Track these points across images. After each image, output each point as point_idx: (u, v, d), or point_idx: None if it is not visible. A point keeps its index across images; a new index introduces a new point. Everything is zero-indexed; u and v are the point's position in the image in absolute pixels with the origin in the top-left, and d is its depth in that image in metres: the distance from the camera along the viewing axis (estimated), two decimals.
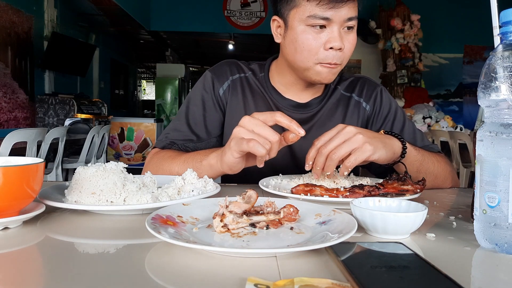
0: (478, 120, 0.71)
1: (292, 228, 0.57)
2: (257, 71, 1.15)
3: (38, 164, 0.59)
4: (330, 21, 0.92)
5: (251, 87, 1.13)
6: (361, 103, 1.14)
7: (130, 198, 0.67)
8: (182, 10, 7.01)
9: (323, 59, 0.95)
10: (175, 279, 0.42)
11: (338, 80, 1.16)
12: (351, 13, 0.93)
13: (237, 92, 1.12)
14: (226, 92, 1.12)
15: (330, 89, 1.14)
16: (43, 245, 0.54)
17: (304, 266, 0.46)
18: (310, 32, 0.94)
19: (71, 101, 5.20)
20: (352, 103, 1.14)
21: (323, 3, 0.90)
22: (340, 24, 0.93)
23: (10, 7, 4.44)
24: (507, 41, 0.51)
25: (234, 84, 1.12)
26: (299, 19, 0.94)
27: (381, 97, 1.15)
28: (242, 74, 1.14)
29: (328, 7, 0.90)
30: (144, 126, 6.00)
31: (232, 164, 0.81)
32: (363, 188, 0.75)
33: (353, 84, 1.16)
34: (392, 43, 6.14)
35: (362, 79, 1.18)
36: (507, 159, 0.49)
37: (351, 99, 1.14)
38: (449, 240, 0.57)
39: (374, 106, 1.14)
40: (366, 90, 1.15)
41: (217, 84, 1.12)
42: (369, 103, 1.14)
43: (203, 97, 1.11)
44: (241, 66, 1.15)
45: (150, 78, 13.82)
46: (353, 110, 1.13)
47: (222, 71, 1.13)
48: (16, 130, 2.71)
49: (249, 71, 1.15)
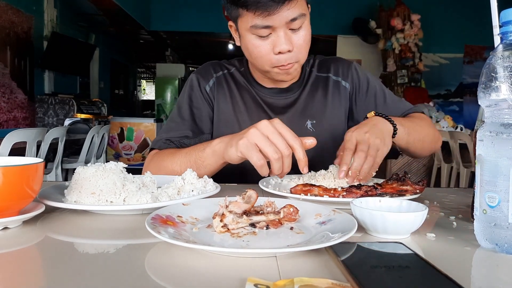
0: (478, 120, 0.71)
1: (292, 228, 0.57)
2: (238, 66, 1.18)
3: (37, 164, 0.59)
4: (272, 28, 0.93)
5: (236, 81, 1.16)
6: (340, 82, 1.16)
7: (130, 198, 0.66)
8: (182, 10, 7.00)
9: (276, 63, 0.97)
10: (175, 279, 0.42)
11: (312, 63, 1.18)
12: (294, 13, 0.92)
13: (223, 87, 1.15)
14: (212, 89, 1.15)
15: (306, 72, 1.16)
16: (43, 245, 0.54)
17: (304, 266, 0.46)
18: (256, 40, 0.96)
19: (71, 101, 5.19)
20: (331, 83, 1.16)
21: (258, 13, 0.90)
22: (284, 27, 0.93)
23: (10, 7, 4.44)
24: (507, 41, 0.51)
25: (219, 80, 1.15)
26: (245, 28, 0.96)
27: (357, 73, 1.17)
28: (225, 71, 1.17)
29: (264, 15, 0.90)
30: (144, 126, 6.00)
31: (232, 158, 0.82)
32: (360, 188, 0.75)
33: (327, 64, 1.18)
34: (392, 43, 6.14)
35: (335, 59, 1.20)
36: (507, 159, 0.49)
37: (329, 79, 1.16)
38: (449, 240, 0.57)
39: (352, 83, 1.16)
40: (342, 68, 1.17)
41: (203, 82, 1.15)
42: (347, 81, 1.16)
43: (190, 95, 1.15)
44: (223, 64, 1.19)
45: (150, 78, 13.80)
46: (333, 90, 1.15)
47: (206, 70, 1.17)
48: (15, 130, 2.70)
49: (232, 67, 1.18)
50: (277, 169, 0.74)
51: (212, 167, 0.90)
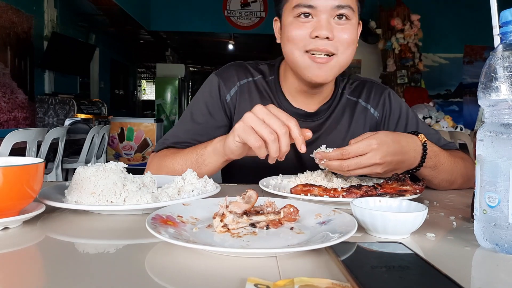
0: (478, 120, 0.71)
1: (292, 228, 0.57)
2: (267, 74, 1.10)
3: (38, 164, 0.59)
4: (315, 10, 0.91)
5: (260, 92, 1.08)
6: (369, 110, 1.10)
7: (130, 198, 0.66)
8: (182, 10, 7.00)
9: (310, 48, 0.92)
10: (175, 279, 0.42)
11: (345, 84, 1.12)
12: (341, 1, 0.90)
13: (245, 98, 1.07)
14: (233, 98, 1.07)
15: (337, 94, 1.10)
16: (43, 245, 0.54)
17: (304, 266, 0.46)
18: (297, 22, 0.93)
19: (71, 101, 5.19)
20: (359, 109, 1.10)
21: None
22: (328, 13, 0.91)
23: (10, 7, 4.44)
24: (507, 41, 0.51)
25: (241, 89, 1.07)
26: (288, 12, 0.94)
27: (390, 101, 1.11)
28: (250, 79, 1.09)
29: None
30: (144, 126, 6.00)
31: (233, 148, 0.80)
32: (360, 188, 0.75)
33: (359, 88, 1.12)
34: (392, 43, 6.14)
35: (369, 83, 1.14)
36: (507, 159, 0.49)
37: (357, 104, 1.10)
38: (449, 240, 0.57)
39: (383, 111, 1.11)
40: (374, 95, 1.11)
41: (224, 89, 1.07)
42: (377, 109, 1.11)
43: (207, 103, 1.07)
44: (249, 70, 1.10)
45: (150, 78, 13.81)
46: (359, 115, 1.10)
47: (229, 75, 1.08)
48: (16, 130, 2.71)
49: (258, 74, 1.10)
50: (274, 151, 0.72)
51: (213, 165, 0.89)
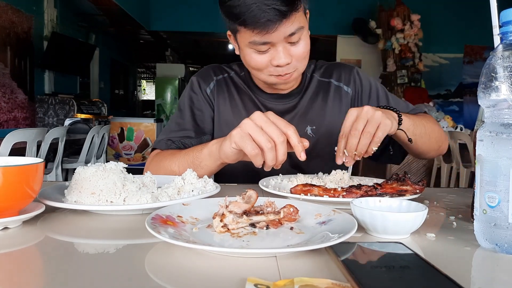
0: (478, 120, 0.71)
1: (292, 228, 0.57)
2: (238, 71, 1.19)
3: (38, 164, 0.59)
4: (271, 43, 0.93)
5: (236, 86, 1.17)
6: (342, 87, 1.17)
7: (130, 198, 0.67)
8: (182, 10, 7.00)
9: (273, 73, 0.98)
10: (175, 279, 0.42)
11: (314, 68, 1.19)
12: (292, 28, 0.91)
13: (223, 91, 1.16)
14: (213, 91, 1.16)
15: (306, 78, 1.16)
16: (43, 245, 0.54)
17: (304, 266, 0.46)
18: (255, 54, 0.96)
19: (71, 101, 5.19)
20: (333, 88, 1.16)
21: (257, 31, 0.90)
22: (283, 41, 0.93)
23: (10, 7, 4.44)
24: (507, 41, 0.51)
25: (219, 83, 1.17)
26: (243, 42, 0.96)
27: (360, 77, 1.18)
28: (226, 74, 1.18)
29: (263, 33, 0.90)
30: (144, 126, 6.00)
31: (228, 153, 0.81)
32: (360, 188, 0.75)
33: (329, 70, 1.19)
34: (392, 43, 6.14)
35: (337, 64, 1.22)
36: (507, 159, 0.49)
37: (331, 84, 1.17)
38: (449, 240, 0.57)
39: (355, 87, 1.17)
40: (344, 73, 1.18)
41: (203, 84, 1.16)
42: (349, 86, 1.17)
43: (192, 97, 1.16)
44: (223, 68, 1.20)
45: (150, 78, 13.80)
46: (334, 94, 1.16)
47: (206, 73, 1.18)
48: (16, 130, 2.70)
49: (232, 71, 1.19)
50: (270, 159, 0.72)
51: (209, 168, 0.91)
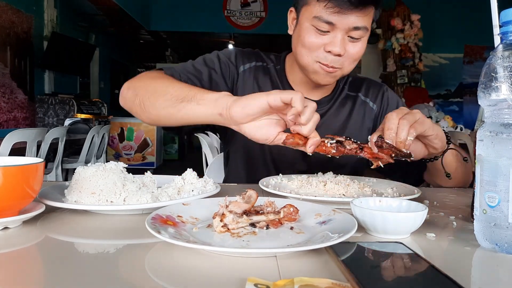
0: (478, 120, 0.71)
1: (292, 228, 0.57)
2: (276, 62, 1.15)
3: (38, 164, 0.59)
4: (334, 26, 0.91)
5: (271, 78, 1.12)
6: (368, 103, 1.15)
7: (130, 198, 0.66)
8: (182, 10, 7.00)
9: (321, 59, 0.95)
10: (175, 279, 0.42)
11: (345, 80, 1.17)
12: (359, 23, 0.91)
13: (257, 78, 1.10)
14: (246, 72, 1.10)
15: (338, 88, 1.14)
16: (43, 245, 0.54)
17: (304, 266, 0.46)
18: (313, 32, 0.94)
19: (71, 101, 5.19)
20: (359, 102, 1.15)
21: (329, 6, 0.89)
22: (345, 31, 0.92)
23: (10, 7, 4.44)
24: (507, 41, 0.51)
25: (257, 69, 1.12)
26: (307, 17, 0.94)
27: (387, 96, 1.17)
28: (265, 63, 1.14)
29: (334, 11, 0.89)
30: (144, 126, 6.00)
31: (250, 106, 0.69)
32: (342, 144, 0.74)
33: (358, 84, 1.17)
34: (392, 43, 6.13)
35: (367, 80, 1.20)
36: (507, 159, 0.49)
37: (357, 98, 1.15)
38: (449, 240, 0.57)
39: (381, 105, 1.16)
40: (372, 90, 1.16)
41: (240, 60, 1.11)
42: (375, 103, 1.15)
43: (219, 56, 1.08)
44: (264, 57, 1.15)
45: None
46: (359, 108, 1.14)
47: (249, 53, 1.14)
48: (16, 130, 2.70)
49: (270, 61, 1.15)
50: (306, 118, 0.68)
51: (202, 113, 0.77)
